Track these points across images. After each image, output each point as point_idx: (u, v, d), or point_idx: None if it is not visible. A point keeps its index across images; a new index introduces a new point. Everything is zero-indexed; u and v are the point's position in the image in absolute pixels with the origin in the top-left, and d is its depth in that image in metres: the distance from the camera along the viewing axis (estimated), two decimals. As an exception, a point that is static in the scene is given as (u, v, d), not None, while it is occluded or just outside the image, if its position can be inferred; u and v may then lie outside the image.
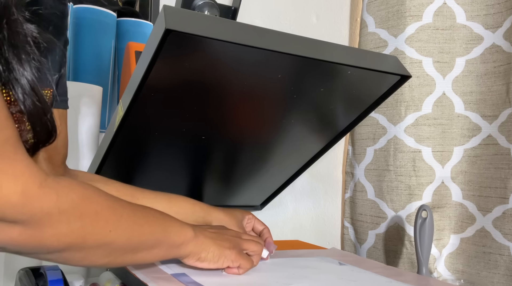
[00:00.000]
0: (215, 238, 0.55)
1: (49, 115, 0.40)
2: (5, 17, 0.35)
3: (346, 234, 1.15)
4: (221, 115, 0.69)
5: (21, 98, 0.37)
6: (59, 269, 0.58)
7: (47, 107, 0.39)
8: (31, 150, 0.40)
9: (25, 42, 0.37)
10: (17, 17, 0.36)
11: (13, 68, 0.36)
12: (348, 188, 1.15)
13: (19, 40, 0.36)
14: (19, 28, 0.36)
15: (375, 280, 0.60)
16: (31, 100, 0.37)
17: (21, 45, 0.37)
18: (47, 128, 0.40)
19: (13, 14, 0.36)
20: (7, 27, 0.35)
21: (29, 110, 0.38)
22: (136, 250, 0.46)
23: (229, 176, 0.87)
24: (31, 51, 0.38)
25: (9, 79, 0.36)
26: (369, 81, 0.71)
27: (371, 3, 1.10)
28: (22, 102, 0.37)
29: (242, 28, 0.58)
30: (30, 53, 0.37)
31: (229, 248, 0.55)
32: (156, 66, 0.54)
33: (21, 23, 0.37)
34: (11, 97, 0.36)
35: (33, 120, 0.38)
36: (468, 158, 1.00)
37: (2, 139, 0.34)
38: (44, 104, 0.39)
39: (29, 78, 0.37)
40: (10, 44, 0.36)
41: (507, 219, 0.90)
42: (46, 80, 0.41)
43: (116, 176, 0.76)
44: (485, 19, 0.99)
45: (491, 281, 0.92)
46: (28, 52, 0.37)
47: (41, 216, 0.36)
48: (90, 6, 0.91)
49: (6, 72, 0.36)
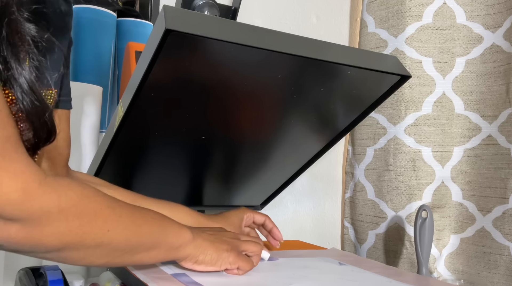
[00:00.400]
0: (213, 240, 0.55)
1: (48, 114, 0.40)
2: (5, 16, 0.35)
3: (346, 234, 1.15)
4: (221, 115, 0.69)
5: (20, 97, 0.37)
6: (59, 269, 0.58)
7: (46, 106, 0.39)
8: (31, 149, 0.40)
9: (24, 41, 0.37)
10: (17, 16, 0.36)
11: (11, 67, 0.36)
12: (348, 188, 1.15)
13: (18, 39, 0.36)
14: (19, 27, 0.36)
15: (375, 280, 0.60)
16: (29, 99, 0.38)
17: (20, 44, 0.37)
18: (46, 128, 0.40)
19: (13, 13, 0.36)
20: (6, 26, 0.35)
21: (27, 109, 0.38)
22: (134, 250, 0.46)
23: (229, 176, 0.87)
24: (30, 51, 0.38)
25: (7, 78, 0.36)
26: (369, 81, 0.71)
27: (371, 3, 1.10)
28: (20, 101, 0.37)
29: (242, 28, 0.58)
30: (29, 52, 0.38)
31: (227, 251, 0.55)
32: (156, 66, 0.54)
33: (20, 22, 0.37)
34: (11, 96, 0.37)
35: (32, 119, 0.38)
36: (468, 158, 1.00)
37: (3, 138, 0.34)
38: (43, 104, 0.39)
39: (27, 77, 0.37)
40: (9, 43, 0.36)
41: (507, 219, 0.90)
42: (45, 79, 0.42)
43: (116, 175, 0.76)
44: (485, 19, 0.99)
45: (491, 281, 0.92)
46: (27, 51, 0.37)
47: (40, 214, 0.36)
48: (90, 6, 0.91)
49: (5, 71, 0.36)
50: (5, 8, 0.35)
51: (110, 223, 0.42)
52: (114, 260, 0.45)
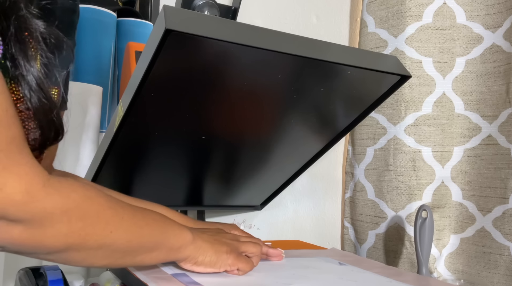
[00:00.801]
0: (212, 242, 0.55)
1: (55, 113, 0.39)
2: (13, 13, 0.35)
3: (346, 234, 1.15)
4: (221, 115, 0.69)
5: (27, 95, 0.36)
6: (59, 269, 0.58)
7: (53, 104, 0.39)
8: (38, 148, 0.39)
9: (32, 38, 0.36)
10: (25, 13, 0.36)
11: (19, 64, 0.36)
12: (348, 188, 1.15)
13: (26, 36, 0.36)
14: (27, 24, 0.36)
15: (375, 280, 0.60)
16: (37, 97, 0.37)
17: (28, 41, 0.36)
18: (54, 126, 0.40)
19: (21, 9, 0.35)
20: (14, 23, 0.35)
21: (35, 107, 0.37)
22: (136, 252, 0.46)
23: (229, 176, 0.87)
24: (39, 47, 0.37)
25: (15, 75, 0.36)
26: (369, 81, 0.71)
27: (371, 3, 1.10)
28: (28, 99, 0.37)
29: (242, 28, 0.58)
30: (38, 49, 0.37)
31: (227, 253, 0.55)
32: (156, 66, 0.54)
33: (29, 19, 0.36)
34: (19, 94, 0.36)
35: (40, 117, 0.38)
36: (468, 158, 1.00)
37: (8, 139, 0.34)
38: (51, 102, 0.38)
39: (35, 75, 0.37)
40: (17, 40, 0.35)
41: (507, 219, 0.90)
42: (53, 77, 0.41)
43: (116, 175, 0.76)
44: (485, 19, 0.98)
45: (491, 281, 0.92)
46: (35, 48, 0.37)
47: (43, 215, 0.36)
48: (90, 6, 0.91)
49: (12, 68, 0.35)
50: (13, 5, 0.35)
51: (113, 224, 0.42)
52: (115, 261, 0.45)
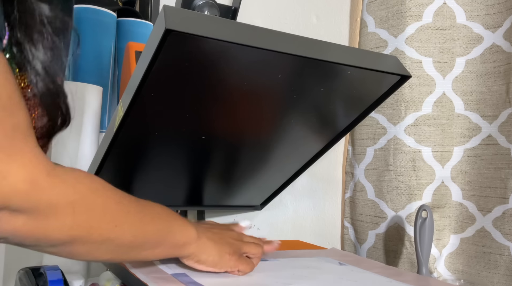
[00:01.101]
0: (216, 241, 0.54)
1: (63, 98, 0.38)
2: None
3: (346, 234, 1.15)
4: (221, 115, 0.69)
5: (34, 80, 0.36)
6: (59, 269, 0.58)
7: (60, 89, 0.38)
8: (46, 136, 0.38)
9: (37, 22, 0.36)
10: None
11: (24, 48, 0.35)
12: (348, 188, 1.15)
13: (31, 20, 0.35)
14: (31, 7, 0.35)
15: (375, 280, 0.60)
16: (43, 83, 0.36)
17: (33, 25, 0.35)
18: (61, 112, 0.38)
19: None
20: (18, 7, 0.34)
21: (41, 93, 0.36)
22: (140, 247, 0.46)
23: (229, 176, 0.87)
24: (44, 31, 0.36)
25: (21, 61, 0.35)
26: (369, 81, 0.71)
27: (371, 3, 1.10)
28: (34, 84, 0.36)
29: (242, 28, 0.58)
30: (43, 33, 0.36)
31: (229, 254, 0.55)
32: (156, 66, 0.54)
33: (33, 2, 0.35)
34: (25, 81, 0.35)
35: (47, 102, 0.37)
36: (468, 158, 1.00)
37: (12, 126, 0.32)
38: (58, 87, 0.37)
39: (41, 59, 0.36)
40: (22, 24, 0.34)
41: (507, 219, 0.90)
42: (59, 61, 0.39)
43: (116, 175, 0.76)
44: (485, 19, 0.98)
45: (491, 281, 0.92)
46: (41, 32, 0.36)
47: (47, 206, 0.35)
48: (90, 6, 0.91)
49: (18, 53, 0.35)
50: None
51: (118, 218, 0.41)
52: (119, 256, 0.45)
